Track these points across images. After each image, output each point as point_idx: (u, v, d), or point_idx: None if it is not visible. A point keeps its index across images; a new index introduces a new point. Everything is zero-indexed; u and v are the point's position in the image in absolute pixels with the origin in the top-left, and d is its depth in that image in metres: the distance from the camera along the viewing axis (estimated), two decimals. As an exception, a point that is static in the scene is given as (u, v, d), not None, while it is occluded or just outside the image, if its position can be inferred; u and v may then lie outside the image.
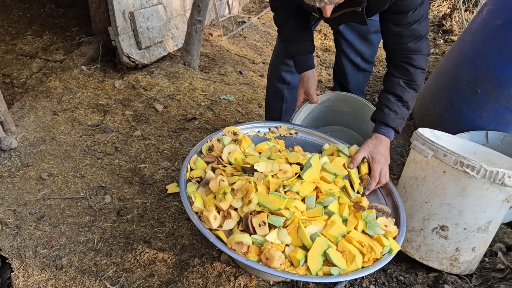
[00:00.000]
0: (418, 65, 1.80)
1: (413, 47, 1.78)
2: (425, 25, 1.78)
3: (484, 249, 1.90)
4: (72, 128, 2.74)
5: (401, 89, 1.82)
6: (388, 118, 1.83)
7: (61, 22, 4.29)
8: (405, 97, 1.82)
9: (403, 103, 1.84)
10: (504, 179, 1.68)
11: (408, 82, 1.82)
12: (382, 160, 1.82)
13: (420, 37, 1.78)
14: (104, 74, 3.44)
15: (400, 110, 1.83)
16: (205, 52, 4.23)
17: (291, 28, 2.12)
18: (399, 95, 1.82)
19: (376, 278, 1.86)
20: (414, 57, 1.79)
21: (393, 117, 1.83)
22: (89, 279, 1.77)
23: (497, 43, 2.32)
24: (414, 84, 1.82)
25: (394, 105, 1.82)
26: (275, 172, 1.60)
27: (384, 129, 1.84)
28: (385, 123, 1.84)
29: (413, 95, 1.85)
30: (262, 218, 1.44)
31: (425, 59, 1.82)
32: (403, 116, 1.85)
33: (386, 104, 1.84)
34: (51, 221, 2.04)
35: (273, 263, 1.36)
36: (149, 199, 2.24)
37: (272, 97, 2.60)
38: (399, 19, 1.75)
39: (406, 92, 1.82)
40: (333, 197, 1.56)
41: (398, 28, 1.78)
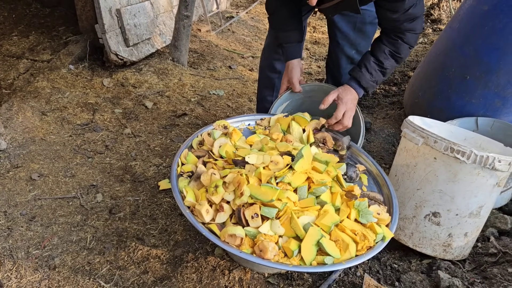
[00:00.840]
0: (408, 41, 1.90)
1: (408, 26, 1.86)
2: (420, 7, 1.83)
3: (476, 234, 1.91)
4: (62, 128, 2.72)
5: (384, 56, 1.92)
6: (362, 77, 1.94)
7: (47, 21, 4.24)
8: (385, 64, 1.93)
9: (382, 69, 1.94)
10: (494, 163, 1.68)
11: (393, 53, 1.92)
12: (348, 104, 1.92)
13: (415, 18, 1.84)
14: (92, 72, 3.41)
15: (376, 74, 1.94)
16: (194, 48, 4.21)
17: (282, 16, 2.12)
18: (381, 61, 1.92)
19: (370, 267, 1.87)
20: (407, 34, 1.88)
21: (367, 77, 1.94)
22: (82, 278, 1.76)
23: (484, 29, 2.33)
24: (398, 56, 1.93)
25: (372, 68, 1.93)
26: (267, 163, 1.59)
27: (355, 85, 1.96)
28: (358, 81, 1.95)
29: (393, 65, 1.96)
30: (254, 210, 1.44)
31: (416, 37, 1.92)
32: (376, 80, 1.96)
33: (365, 64, 1.94)
34: (42, 221, 2.02)
35: (266, 255, 1.35)
36: (141, 196, 2.23)
37: (263, 86, 2.60)
38: (396, 7, 1.78)
39: (388, 60, 1.93)
40: (325, 187, 1.55)
41: (395, 15, 1.82)
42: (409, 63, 4.20)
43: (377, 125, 3.07)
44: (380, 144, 2.87)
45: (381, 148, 2.83)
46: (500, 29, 2.23)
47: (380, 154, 2.77)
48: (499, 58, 2.28)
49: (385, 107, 3.38)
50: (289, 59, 2.12)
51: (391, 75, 3.92)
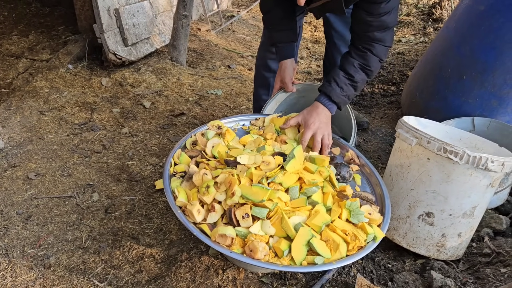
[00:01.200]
0: (377, 53, 1.87)
1: (378, 36, 1.84)
2: (394, 17, 1.83)
3: (470, 234, 1.91)
4: (59, 127, 2.73)
5: (354, 69, 1.88)
6: (333, 92, 1.88)
7: (47, 21, 4.26)
8: (356, 77, 1.88)
9: (352, 83, 1.90)
10: (487, 164, 1.68)
11: (363, 66, 1.89)
12: (315, 125, 1.84)
13: (387, 28, 1.84)
14: (91, 72, 3.42)
15: (347, 88, 1.89)
16: (193, 47, 4.21)
17: (276, 16, 2.12)
18: (351, 74, 1.88)
19: (364, 267, 1.87)
20: (376, 46, 1.86)
21: (338, 92, 1.88)
22: (77, 277, 1.77)
23: (481, 29, 2.32)
24: (368, 69, 1.90)
25: (342, 82, 1.88)
26: (258, 164, 1.59)
27: (325, 101, 1.89)
28: (329, 96, 1.89)
29: (363, 79, 1.91)
30: (245, 210, 1.44)
31: (385, 50, 1.89)
32: (348, 95, 1.91)
33: (335, 79, 1.89)
34: (38, 220, 2.03)
35: (257, 255, 1.36)
36: (137, 195, 2.24)
37: (258, 85, 2.62)
38: (372, 9, 1.79)
39: (358, 74, 1.89)
40: (317, 187, 1.56)
41: (369, 17, 1.81)
42: (409, 63, 4.19)
43: (375, 125, 3.07)
44: (377, 144, 2.87)
45: (378, 148, 2.83)
46: (497, 28, 2.23)
47: (377, 153, 2.77)
48: (495, 57, 2.28)
49: (383, 107, 3.38)
50: (282, 58, 2.12)
51: (390, 75, 3.91)
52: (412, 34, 5.57)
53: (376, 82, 3.82)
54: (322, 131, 1.85)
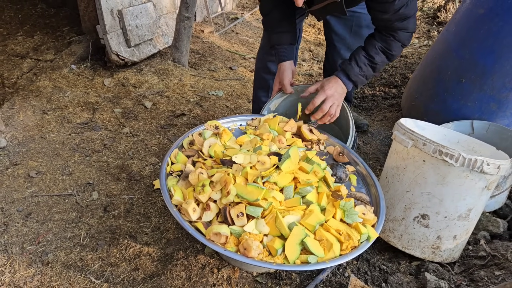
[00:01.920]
0: (400, 39, 1.90)
1: (399, 25, 1.87)
2: (413, 6, 1.83)
3: (466, 237, 1.91)
4: (61, 127, 2.76)
5: (376, 51, 1.92)
6: (352, 70, 1.94)
7: (52, 22, 4.31)
8: (376, 59, 1.93)
9: (372, 64, 1.94)
10: (483, 166, 1.69)
11: (385, 49, 1.92)
12: (330, 91, 1.92)
13: (407, 17, 1.85)
14: (94, 72, 3.45)
15: (366, 68, 1.94)
16: (196, 49, 4.24)
17: (275, 18, 2.14)
18: (371, 55, 1.93)
19: (358, 268, 1.88)
20: (400, 32, 1.89)
21: (356, 71, 1.94)
22: (74, 274, 1.79)
23: (480, 32, 2.33)
24: (389, 52, 1.93)
25: (362, 61, 1.93)
26: (254, 163, 1.61)
27: (343, 77, 1.96)
28: (347, 73, 1.95)
29: (383, 61, 1.95)
30: (240, 209, 1.46)
31: (409, 36, 1.92)
32: (366, 75, 1.96)
33: (356, 58, 1.95)
34: (38, 218, 2.05)
35: (250, 253, 1.37)
36: (136, 194, 2.26)
37: (258, 87, 2.63)
38: (386, 8, 1.80)
39: (379, 56, 1.93)
40: (311, 187, 1.57)
41: (386, 15, 1.83)
42: (411, 66, 4.19)
43: (375, 127, 3.08)
44: (376, 146, 2.87)
45: (377, 150, 2.83)
46: (496, 32, 2.24)
47: (376, 156, 2.78)
48: (494, 61, 2.28)
49: (384, 109, 3.39)
50: (281, 61, 2.14)
51: (392, 78, 3.92)
52: (416, 37, 5.57)
53: (378, 85, 3.82)
54: (334, 100, 1.93)
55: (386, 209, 1.91)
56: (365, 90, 3.76)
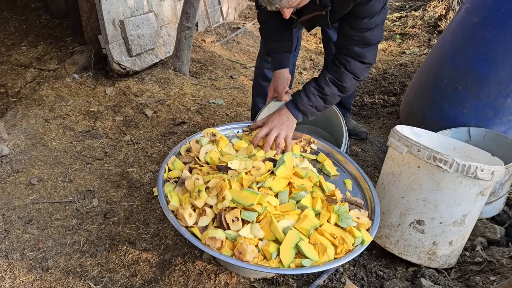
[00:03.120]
0: (351, 70, 1.87)
1: (357, 51, 1.84)
2: (378, 34, 1.83)
3: (462, 243, 1.92)
4: (63, 135, 2.80)
5: (325, 82, 1.91)
6: (300, 100, 1.94)
7: (56, 32, 4.37)
8: (325, 90, 1.91)
9: (321, 95, 1.93)
10: (477, 172, 1.70)
11: (336, 81, 1.90)
12: (273, 124, 1.92)
13: (368, 45, 1.83)
14: (96, 81, 3.50)
15: (314, 99, 1.93)
16: (197, 58, 4.29)
17: (271, 27, 2.17)
18: (321, 86, 1.92)
19: (355, 273, 1.89)
20: (352, 62, 1.86)
21: (305, 101, 1.93)
22: (73, 279, 1.81)
23: (475, 40, 2.36)
24: (340, 84, 1.91)
25: (311, 92, 1.93)
26: (249, 169, 1.64)
27: (292, 108, 1.96)
28: (295, 104, 1.96)
29: (334, 93, 1.93)
30: (235, 214, 1.48)
31: (363, 68, 1.89)
32: (316, 105, 1.94)
33: (305, 88, 1.96)
34: (39, 224, 2.08)
35: (245, 257, 1.39)
36: (136, 201, 2.28)
37: (256, 94, 2.67)
38: (354, 23, 1.80)
39: (329, 87, 1.91)
40: (306, 192, 1.59)
41: (351, 31, 1.82)
42: (410, 74, 4.22)
43: (373, 135, 3.10)
44: (375, 154, 2.89)
45: (376, 158, 2.85)
46: (490, 40, 2.26)
47: (374, 163, 2.79)
48: (489, 69, 2.30)
49: (382, 117, 3.41)
50: (277, 68, 2.17)
51: (391, 86, 3.94)
52: (417, 46, 5.61)
53: (377, 93, 3.85)
54: (278, 130, 1.91)
55: (382, 215, 1.93)
56: (364, 98, 3.79)
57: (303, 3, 1.63)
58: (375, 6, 1.73)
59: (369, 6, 1.72)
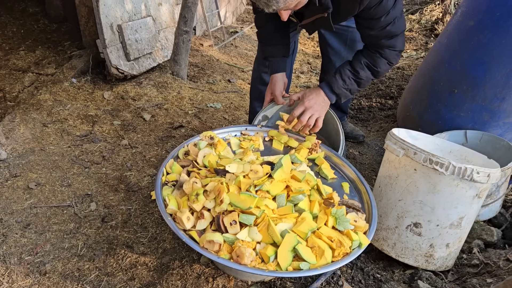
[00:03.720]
0: (386, 57, 1.91)
1: (386, 43, 1.88)
2: (400, 24, 1.84)
3: (459, 245, 1.93)
4: (61, 139, 2.80)
5: (361, 66, 1.93)
6: (335, 83, 1.94)
7: (54, 37, 4.38)
8: (360, 74, 1.93)
9: (356, 78, 1.95)
10: (473, 175, 1.71)
11: (370, 65, 1.93)
12: (310, 103, 1.92)
13: (394, 36, 1.86)
14: (94, 86, 3.51)
15: (349, 82, 1.94)
16: (195, 62, 4.31)
17: (269, 30, 2.18)
18: (356, 70, 1.93)
19: (353, 276, 1.89)
20: (386, 50, 1.90)
21: (340, 84, 1.94)
22: (71, 283, 1.81)
23: (471, 44, 2.37)
24: (375, 69, 1.94)
25: (346, 75, 1.94)
26: (246, 172, 1.64)
27: (326, 89, 1.96)
28: (330, 86, 1.96)
29: (368, 76, 1.95)
30: (233, 217, 1.49)
31: (395, 54, 1.93)
32: (350, 88, 1.96)
33: (340, 71, 1.96)
34: (36, 228, 2.08)
35: (243, 260, 1.39)
36: (134, 205, 2.29)
37: (253, 97, 2.68)
38: (372, 24, 1.82)
39: (364, 71, 1.93)
40: (303, 195, 1.60)
41: (372, 32, 1.86)
42: (407, 77, 4.24)
43: (371, 138, 3.11)
44: (372, 157, 2.90)
45: (373, 160, 2.86)
46: (485, 43, 2.28)
47: (372, 166, 2.81)
48: (484, 72, 2.32)
49: (380, 120, 3.43)
50: (273, 72, 2.18)
51: (388, 89, 3.96)
52: (414, 49, 5.63)
53: (374, 96, 3.87)
54: (313, 111, 1.92)
55: (379, 217, 1.94)
56: (362, 102, 3.81)
57: (301, 4, 1.64)
58: (387, 4, 1.74)
59: (382, 6, 1.74)
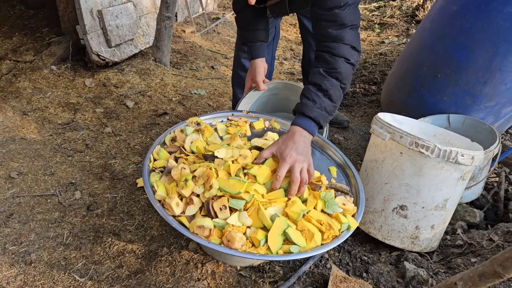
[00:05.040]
0: (338, 53, 1.71)
1: (333, 33, 1.71)
2: (351, 14, 1.71)
3: (443, 226, 1.97)
4: (42, 127, 2.74)
5: (320, 77, 1.71)
6: (305, 107, 1.68)
7: (31, 23, 4.26)
8: (324, 85, 1.69)
9: (323, 92, 1.70)
10: (458, 157, 1.75)
11: (328, 70, 1.71)
12: (292, 157, 1.59)
13: (343, 25, 1.71)
14: (74, 73, 3.44)
15: (319, 99, 1.68)
16: (177, 49, 4.25)
17: (247, 16, 2.16)
18: (318, 83, 1.70)
19: (340, 259, 1.92)
20: (334, 45, 1.71)
21: (310, 106, 1.68)
22: (58, 272, 1.78)
23: (454, 29, 2.39)
24: (335, 72, 1.70)
25: (312, 94, 1.69)
26: (235, 157, 1.64)
27: (301, 120, 1.68)
28: (302, 113, 1.69)
29: (334, 84, 1.70)
30: (222, 202, 1.48)
31: (347, 49, 1.72)
32: (323, 106, 1.69)
33: (304, 94, 1.73)
34: (20, 218, 2.04)
35: (234, 245, 1.39)
36: (119, 193, 2.26)
37: (235, 83, 2.67)
38: (321, 2, 1.71)
39: (326, 80, 1.70)
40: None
41: (320, 10, 1.72)
42: (390, 63, 4.27)
43: (355, 123, 3.14)
44: (357, 142, 2.93)
45: (358, 145, 2.89)
46: (468, 28, 2.31)
47: (357, 151, 2.83)
48: (467, 56, 2.35)
49: (364, 106, 3.45)
50: (253, 58, 2.16)
51: (372, 75, 3.99)
52: (396, 36, 5.67)
53: (358, 82, 3.89)
54: (301, 164, 1.59)
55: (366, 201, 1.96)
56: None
57: None
58: None
59: None
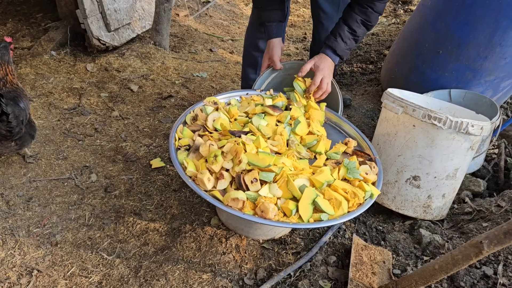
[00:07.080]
0: (377, 10, 2.02)
1: None
2: None
3: (453, 195, 2.07)
4: (49, 113, 2.74)
5: (357, 25, 2.04)
6: (338, 46, 2.06)
7: (24, 9, 4.18)
8: (358, 32, 2.05)
9: (355, 37, 2.07)
10: (468, 128, 1.83)
11: (365, 21, 2.04)
12: (325, 70, 2.05)
13: None
14: (74, 58, 3.41)
15: (350, 42, 2.07)
16: (174, 32, 4.23)
17: None
18: (354, 29, 2.04)
19: (357, 229, 2.00)
20: (377, 3, 2.00)
21: (342, 46, 2.06)
22: (85, 252, 1.83)
23: (455, 5, 2.46)
24: (369, 24, 2.06)
25: (346, 37, 2.05)
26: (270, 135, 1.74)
27: (331, 53, 2.07)
28: (334, 50, 2.07)
29: (364, 32, 2.09)
30: (253, 175, 1.54)
31: (384, 5, 2.05)
32: (350, 47, 2.10)
33: (340, 33, 2.06)
34: (40, 201, 2.06)
35: (268, 215, 1.46)
36: (135, 175, 2.29)
37: (246, 64, 2.68)
38: None
39: (361, 29, 2.06)
40: (315, 140, 1.75)
41: None
42: (384, 42, 4.34)
43: (357, 101, 3.21)
44: (360, 119, 3.00)
45: (361, 122, 2.96)
46: (469, 4, 2.37)
47: (361, 127, 2.90)
48: (468, 32, 2.42)
49: (363, 84, 3.52)
50: (271, 37, 2.20)
51: (368, 54, 4.05)
52: (384, 16, 5.73)
53: (355, 61, 3.95)
54: (328, 79, 2.07)
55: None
56: (344, 67, 3.88)
57: None
58: None
59: None
